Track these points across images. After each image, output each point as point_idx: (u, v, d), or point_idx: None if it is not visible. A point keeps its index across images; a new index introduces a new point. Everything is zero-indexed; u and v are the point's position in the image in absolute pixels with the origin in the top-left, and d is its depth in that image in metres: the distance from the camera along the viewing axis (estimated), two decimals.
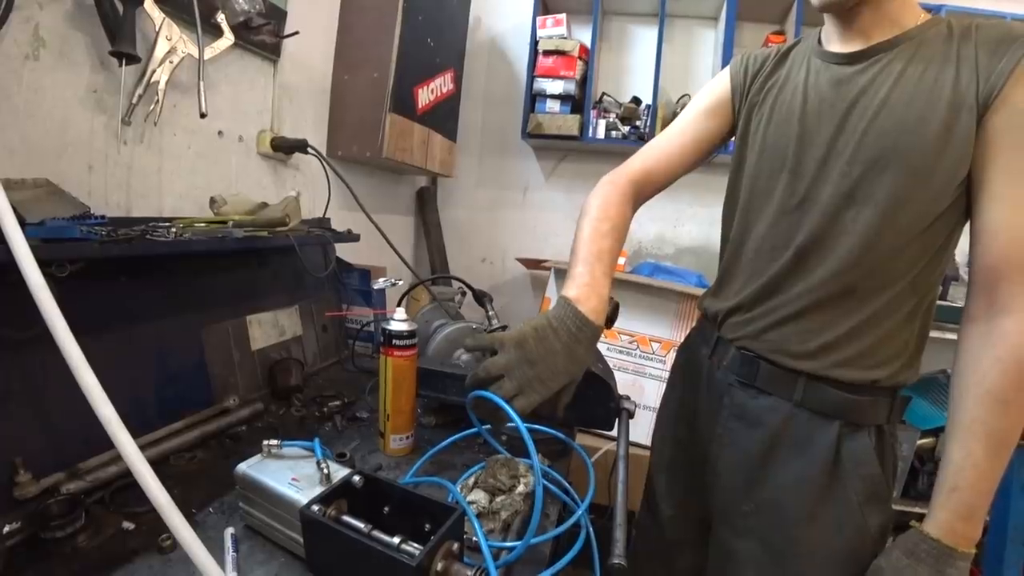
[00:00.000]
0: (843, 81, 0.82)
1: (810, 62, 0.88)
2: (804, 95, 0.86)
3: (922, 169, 0.74)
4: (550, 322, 0.75)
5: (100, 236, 0.81)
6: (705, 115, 1.01)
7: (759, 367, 0.88)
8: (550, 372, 0.73)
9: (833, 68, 0.84)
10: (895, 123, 0.75)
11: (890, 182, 0.76)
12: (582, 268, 0.82)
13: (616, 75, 2.67)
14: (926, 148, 0.73)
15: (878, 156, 0.76)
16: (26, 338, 0.76)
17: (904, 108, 0.75)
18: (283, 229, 1.24)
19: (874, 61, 0.80)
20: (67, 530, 0.72)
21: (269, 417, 1.17)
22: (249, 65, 1.46)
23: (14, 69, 0.90)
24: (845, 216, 0.79)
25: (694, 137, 1.01)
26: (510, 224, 2.87)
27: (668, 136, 1.03)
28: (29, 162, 0.94)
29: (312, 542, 0.69)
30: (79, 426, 0.81)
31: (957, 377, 0.76)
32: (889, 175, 0.76)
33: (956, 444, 0.73)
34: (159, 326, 1.05)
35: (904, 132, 0.75)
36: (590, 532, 0.82)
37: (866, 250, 0.78)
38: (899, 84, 0.77)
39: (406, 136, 1.98)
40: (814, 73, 0.87)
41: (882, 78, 0.78)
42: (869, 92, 0.79)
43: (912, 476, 2.02)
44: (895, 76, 0.77)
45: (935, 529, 0.74)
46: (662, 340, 2.08)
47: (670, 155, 1.01)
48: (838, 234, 0.80)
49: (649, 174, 1.01)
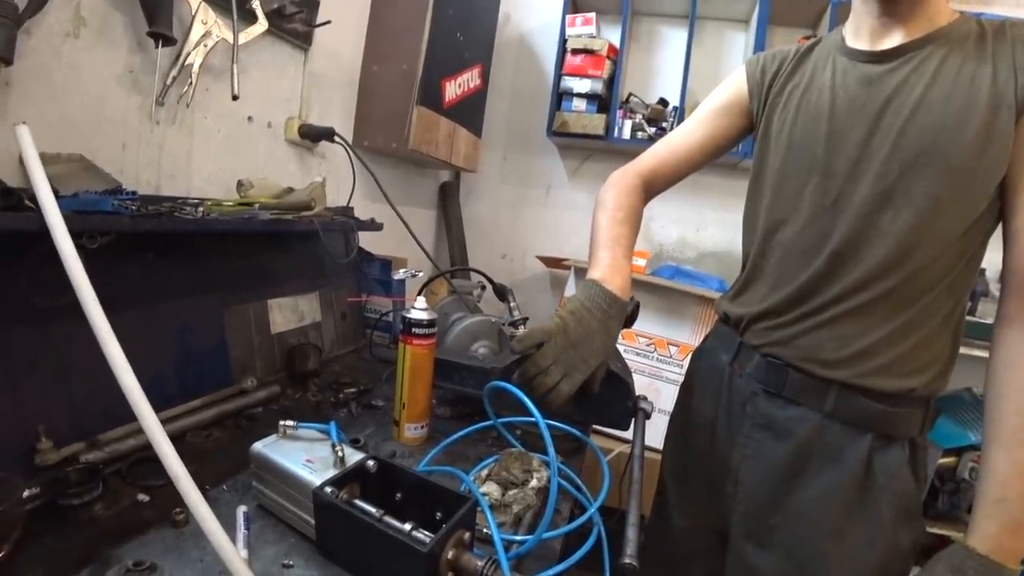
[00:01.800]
0: (874, 80, 0.80)
1: (835, 61, 0.86)
2: (832, 94, 0.84)
3: (962, 169, 0.72)
4: (583, 303, 0.80)
5: (130, 211, 0.82)
6: (717, 114, 1.01)
7: (788, 375, 0.86)
8: (590, 350, 0.78)
9: (861, 67, 0.82)
10: (934, 121, 0.73)
11: (929, 182, 0.73)
12: (604, 252, 0.87)
13: (644, 76, 2.65)
14: (966, 147, 0.71)
15: (917, 156, 0.74)
16: (54, 308, 0.77)
17: (942, 106, 0.73)
18: (308, 213, 1.24)
19: (907, 59, 0.78)
20: (84, 498, 0.73)
21: (285, 400, 1.18)
22: (280, 52, 1.47)
23: (55, 46, 0.92)
24: (882, 218, 0.77)
25: (704, 135, 1.01)
26: (532, 222, 2.86)
27: (679, 133, 1.04)
28: (65, 137, 0.96)
29: (324, 524, 0.69)
30: (101, 398, 0.82)
31: (994, 382, 0.73)
32: (928, 175, 0.73)
33: (1000, 452, 0.70)
34: (183, 304, 1.06)
35: (943, 130, 0.72)
36: (601, 531, 0.81)
37: (904, 253, 0.76)
38: (935, 82, 0.74)
39: (432, 129, 1.99)
40: (840, 72, 0.84)
41: (916, 76, 0.76)
42: (903, 91, 0.77)
43: (931, 495, 1.97)
44: (930, 74, 0.75)
45: (983, 544, 0.70)
46: (680, 344, 2.06)
47: (678, 152, 1.02)
48: (874, 237, 0.78)
49: (658, 170, 1.03)
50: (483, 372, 1.10)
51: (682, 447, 1.06)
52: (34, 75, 0.89)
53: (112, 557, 0.65)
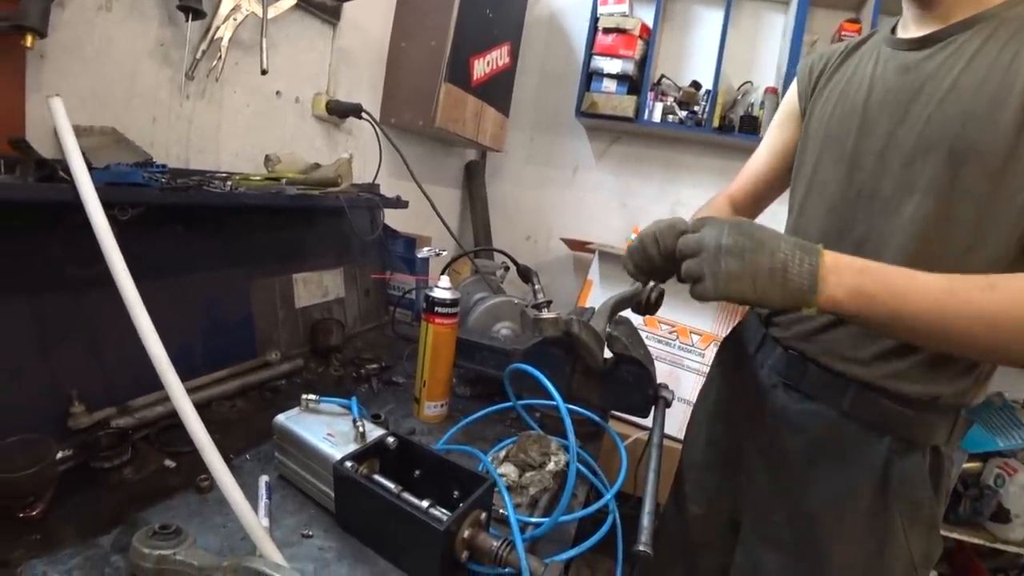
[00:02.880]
0: (909, 68, 0.76)
1: (880, 52, 0.83)
2: (870, 86, 0.81)
3: (992, 158, 0.66)
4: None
5: (160, 183, 0.83)
6: (779, 126, 1.03)
7: (807, 369, 0.84)
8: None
9: (900, 55, 0.78)
10: (962, 110, 0.68)
11: (955, 172, 0.68)
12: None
13: (677, 57, 2.58)
14: (997, 135, 0.65)
15: (941, 144, 0.69)
16: (86, 277, 0.79)
17: (973, 93, 0.68)
18: (335, 189, 1.25)
19: (946, 44, 0.73)
20: (114, 462, 0.75)
21: (308, 374, 1.20)
22: (309, 27, 1.46)
23: (88, 19, 0.93)
24: (904, 208, 0.73)
25: (772, 152, 1.04)
26: (557, 203, 2.84)
27: (755, 156, 1.08)
28: (97, 110, 0.97)
29: (343, 497, 0.70)
30: (130, 365, 0.84)
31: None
32: (954, 164, 0.68)
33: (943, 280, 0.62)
34: (210, 277, 1.08)
35: (972, 117, 0.67)
36: (616, 517, 0.81)
37: (926, 245, 0.71)
38: (970, 67, 0.69)
39: (459, 107, 1.97)
40: (882, 63, 0.81)
41: (952, 61, 0.71)
42: (937, 77, 0.72)
43: (954, 500, 1.92)
44: (967, 58, 0.70)
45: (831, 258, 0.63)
46: (703, 333, 2.04)
47: (758, 173, 1.07)
48: (897, 227, 0.74)
49: (745, 190, 1.08)
50: (504, 353, 1.10)
51: (702, 436, 1.06)
52: (67, 48, 0.90)
53: (139, 519, 0.67)
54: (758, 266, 0.61)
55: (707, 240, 0.64)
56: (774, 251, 0.62)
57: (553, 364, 1.03)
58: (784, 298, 0.62)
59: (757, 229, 0.64)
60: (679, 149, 2.61)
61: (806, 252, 0.62)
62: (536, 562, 0.62)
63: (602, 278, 2.22)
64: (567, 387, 1.04)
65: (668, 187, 2.66)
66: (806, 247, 0.63)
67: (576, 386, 1.05)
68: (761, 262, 0.61)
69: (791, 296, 0.62)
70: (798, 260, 0.61)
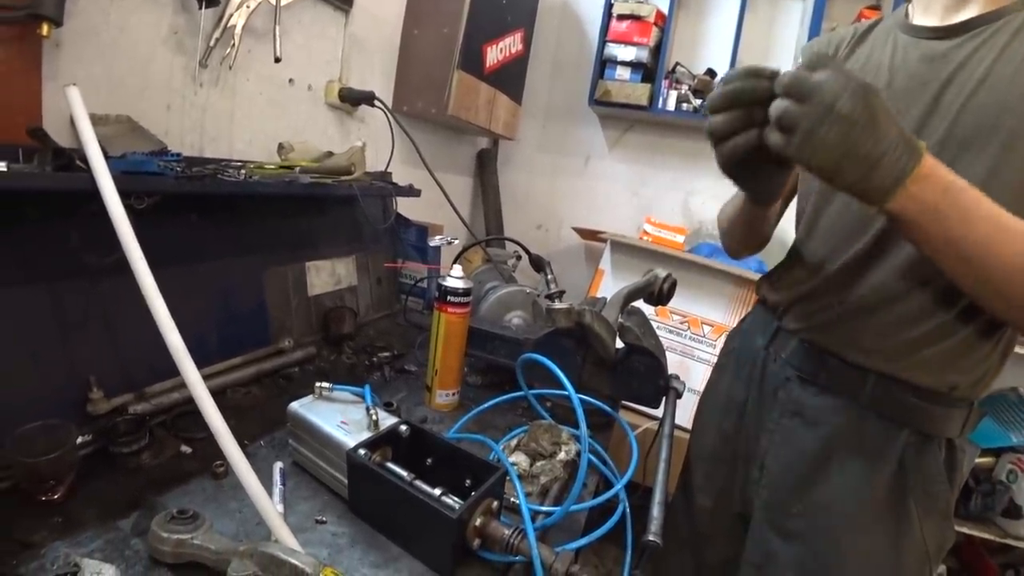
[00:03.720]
0: (936, 57, 0.74)
1: (896, 39, 0.81)
2: (890, 74, 0.79)
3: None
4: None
5: (176, 172, 0.84)
6: None
7: (825, 362, 0.83)
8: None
9: (924, 43, 0.76)
10: (996, 100, 0.67)
11: (987, 164, 0.68)
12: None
13: (692, 44, 2.54)
14: None
15: (974, 136, 0.69)
16: (104, 266, 0.80)
17: (1008, 84, 0.67)
18: (348, 178, 1.25)
19: (975, 34, 0.71)
20: (132, 447, 0.77)
21: (321, 362, 1.21)
22: (322, 14, 1.46)
23: (103, 7, 0.93)
24: None
25: None
26: (569, 192, 2.82)
27: None
28: (112, 98, 0.97)
29: (356, 484, 0.71)
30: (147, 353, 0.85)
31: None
32: (986, 156, 0.68)
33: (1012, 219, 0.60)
34: (224, 265, 1.09)
35: (1005, 110, 0.67)
36: (626, 508, 0.82)
37: None
38: (1003, 58, 0.68)
39: (472, 95, 1.96)
40: (901, 50, 0.79)
41: (983, 52, 0.70)
42: (968, 67, 0.71)
43: (965, 494, 1.91)
44: (999, 49, 0.69)
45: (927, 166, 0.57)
46: (714, 323, 2.03)
47: None
48: None
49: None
50: (516, 343, 1.10)
51: (712, 428, 1.05)
52: (83, 36, 0.91)
53: (157, 504, 0.68)
54: (856, 147, 0.54)
55: (825, 92, 0.53)
56: (880, 138, 0.54)
57: (564, 354, 1.03)
58: (855, 185, 0.57)
59: (880, 102, 0.55)
60: (693, 138, 2.57)
61: (908, 152, 0.56)
62: (547, 551, 0.62)
63: (614, 268, 2.21)
64: (578, 377, 1.04)
65: (682, 177, 2.63)
66: (911, 144, 0.56)
67: (587, 376, 1.05)
68: (862, 144, 0.54)
69: (864, 189, 0.57)
70: (895, 157, 0.55)
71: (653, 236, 2.24)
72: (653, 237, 2.23)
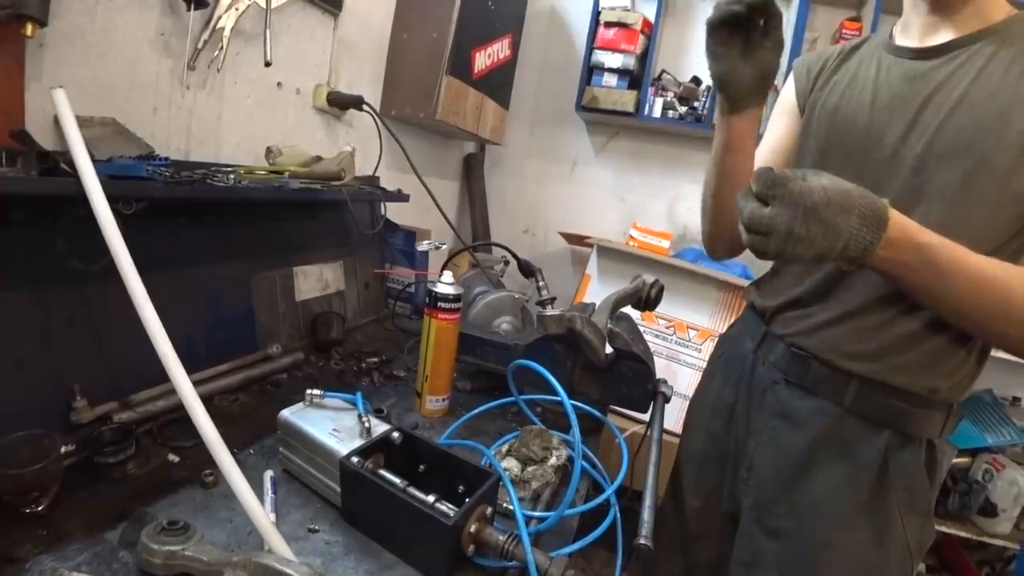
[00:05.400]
0: (917, 76, 0.78)
1: (880, 58, 0.85)
2: (874, 90, 0.82)
3: (1000, 169, 0.69)
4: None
5: (164, 177, 0.83)
6: (777, 119, 1.02)
7: (810, 366, 0.85)
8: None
9: (907, 63, 0.80)
10: (973, 120, 0.71)
11: (962, 180, 0.71)
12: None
13: (678, 52, 2.57)
14: (1006, 146, 0.69)
15: (951, 151, 0.72)
16: (91, 271, 0.79)
17: (984, 104, 0.71)
18: (338, 183, 1.24)
19: (954, 56, 0.76)
20: (118, 456, 0.75)
21: (309, 368, 1.20)
22: (311, 17, 1.45)
23: (89, 8, 0.92)
24: (913, 213, 0.73)
25: (771, 145, 1.02)
26: (556, 197, 2.83)
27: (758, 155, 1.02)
28: (98, 100, 0.96)
29: (349, 492, 0.70)
30: (133, 359, 0.84)
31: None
32: (962, 169, 0.71)
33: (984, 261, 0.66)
34: (213, 270, 1.07)
35: (981, 130, 0.70)
36: (617, 512, 0.82)
37: None
38: (980, 79, 0.72)
39: (460, 100, 1.96)
40: (885, 69, 0.83)
41: (961, 73, 0.74)
42: (946, 87, 0.75)
43: (943, 494, 1.96)
44: (976, 70, 0.73)
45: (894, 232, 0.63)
46: (700, 328, 2.04)
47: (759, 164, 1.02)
48: None
49: None
50: (505, 348, 1.11)
51: (701, 430, 1.07)
52: (68, 37, 0.89)
53: (145, 514, 0.67)
54: (820, 248, 0.62)
55: (779, 225, 0.61)
56: (839, 233, 0.61)
57: (555, 359, 1.04)
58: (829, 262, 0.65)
59: (831, 213, 0.61)
60: (679, 145, 2.60)
61: (872, 226, 0.62)
62: (542, 556, 0.62)
63: (600, 272, 2.22)
64: (568, 382, 1.05)
65: (667, 182, 2.65)
66: (875, 218, 0.62)
67: (577, 381, 1.06)
68: (825, 244, 0.62)
69: (838, 261, 0.65)
70: (859, 236, 0.62)
71: (639, 241, 2.25)
72: (639, 242, 2.25)
